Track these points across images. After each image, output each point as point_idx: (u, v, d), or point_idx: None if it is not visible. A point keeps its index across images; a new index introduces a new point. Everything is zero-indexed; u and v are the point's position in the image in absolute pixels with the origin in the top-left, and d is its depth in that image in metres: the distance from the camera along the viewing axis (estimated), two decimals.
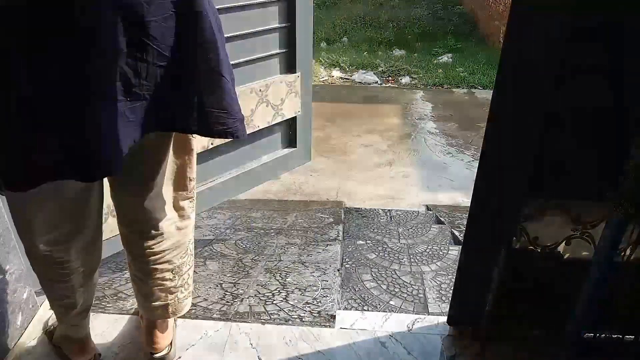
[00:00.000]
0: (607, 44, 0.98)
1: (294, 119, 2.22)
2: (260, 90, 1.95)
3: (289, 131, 2.27)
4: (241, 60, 1.89)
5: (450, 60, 6.55)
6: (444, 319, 1.47)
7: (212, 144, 1.85)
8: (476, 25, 8.02)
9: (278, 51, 2.02)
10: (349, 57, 6.57)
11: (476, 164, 1.20)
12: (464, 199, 3.14)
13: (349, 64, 6.39)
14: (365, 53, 6.91)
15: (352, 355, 1.38)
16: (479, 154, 1.17)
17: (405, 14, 8.69)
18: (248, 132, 2.01)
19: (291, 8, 1.98)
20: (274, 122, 2.10)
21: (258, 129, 2.04)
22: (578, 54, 0.99)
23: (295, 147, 2.27)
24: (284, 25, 2.00)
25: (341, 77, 5.99)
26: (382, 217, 2.74)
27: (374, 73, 6.11)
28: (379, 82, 5.92)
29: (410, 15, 8.61)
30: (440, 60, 6.57)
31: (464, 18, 8.39)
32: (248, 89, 1.91)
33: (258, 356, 1.38)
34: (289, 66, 2.10)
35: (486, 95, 5.41)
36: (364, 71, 6.14)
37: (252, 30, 1.89)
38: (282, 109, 2.10)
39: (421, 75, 6.05)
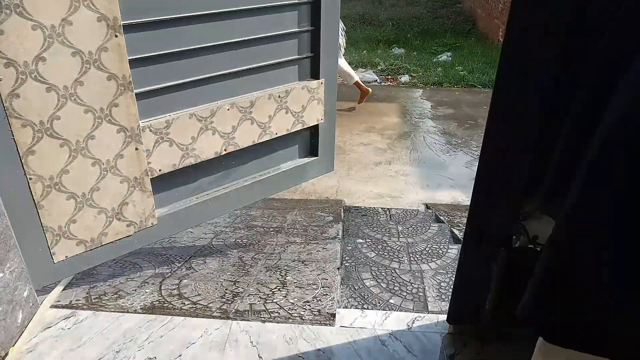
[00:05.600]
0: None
1: (316, 127, 2.14)
2: (279, 96, 1.90)
3: (311, 139, 2.21)
4: (260, 64, 1.81)
5: (450, 58, 6.55)
6: (444, 317, 1.47)
7: (225, 150, 1.82)
8: (475, 23, 8.02)
9: (300, 56, 1.93)
10: (348, 56, 6.56)
11: (476, 162, 1.20)
12: (464, 198, 3.14)
13: (348, 62, 6.38)
14: (364, 52, 6.91)
15: (352, 354, 1.38)
16: (479, 153, 1.17)
17: (405, 13, 8.69)
18: (265, 139, 1.96)
19: (316, 11, 1.89)
20: (294, 130, 2.03)
21: (276, 136, 2.00)
22: (579, 51, 0.99)
23: (317, 156, 2.22)
24: (307, 29, 1.93)
25: (340, 76, 5.98)
26: (381, 216, 2.75)
27: (373, 72, 6.10)
28: (378, 80, 5.92)
29: (409, 14, 8.61)
30: (440, 59, 6.57)
31: (463, 16, 8.39)
32: (266, 95, 1.86)
33: (258, 354, 1.38)
34: (313, 72, 2.02)
35: (486, 93, 5.41)
36: (363, 70, 6.14)
37: (272, 33, 1.80)
38: (303, 117, 2.03)
39: (420, 73, 6.05)
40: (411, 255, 2.11)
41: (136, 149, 1.55)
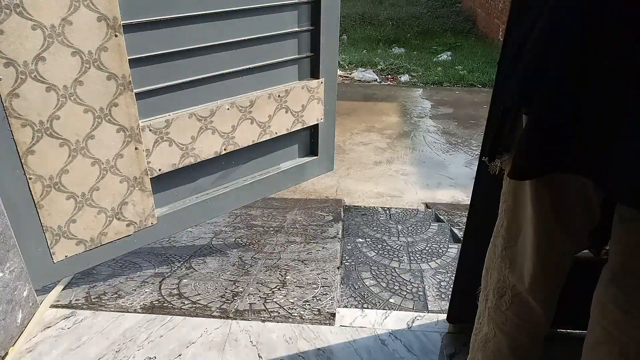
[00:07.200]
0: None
1: (315, 127, 2.15)
2: (279, 95, 1.90)
3: (311, 139, 2.21)
4: (260, 64, 1.82)
5: (450, 58, 6.55)
6: (444, 316, 1.47)
7: (225, 149, 1.82)
8: (475, 23, 8.02)
9: (300, 56, 1.94)
10: (348, 55, 6.57)
11: (475, 161, 1.20)
12: (464, 197, 3.14)
13: (348, 62, 6.39)
14: (364, 51, 6.91)
15: (352, 353, 1.38)
16: (479, 152, 1.17)
17: (405, 12, 8.69)
18: (265, 138, 1.99)
19: (316, 11, 1.90)
20: (293, 129, 2.03)
21: (276, 135, 2.00)
22: None
23: (317, 155, 2.22)
24: (307, 29, 1.93)
25: (340, 75, 5.98)
26: (381, 215, 2.75)
27: (373, 71, 6.10)
28: (378, 80, 5.92)
29: (409, 13, 8.61)
30: (440, 58, 6.57)
31: (463, 16, 8.38)
32: (266, 94, 1.87)
33: (258, 354, 1.38)
34: (312, 72, 2.03)
35: (486, 93, 5.41)
36: (363, 69, 6.14)
37: (272, 33, 1.81)
38: (302, 116, 2.03)
39: (420, 73, 6.05)
40: (411, 254, 2.11)
41: (136, 148, 1.55)
